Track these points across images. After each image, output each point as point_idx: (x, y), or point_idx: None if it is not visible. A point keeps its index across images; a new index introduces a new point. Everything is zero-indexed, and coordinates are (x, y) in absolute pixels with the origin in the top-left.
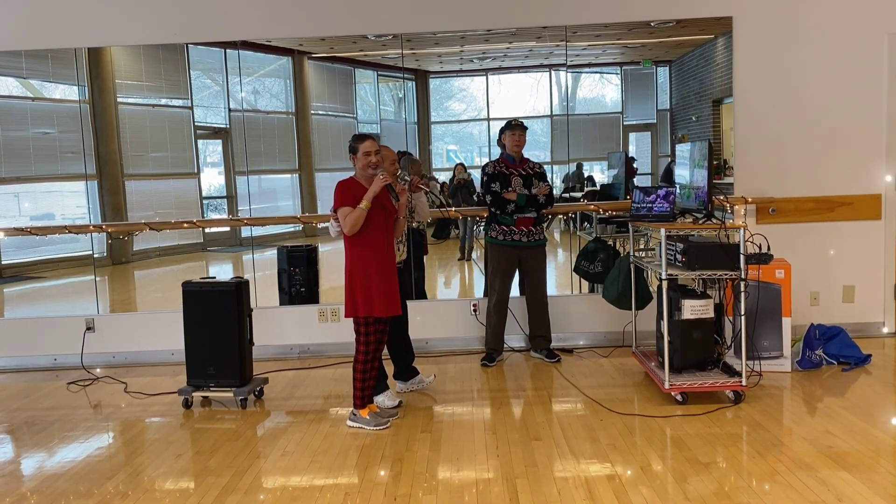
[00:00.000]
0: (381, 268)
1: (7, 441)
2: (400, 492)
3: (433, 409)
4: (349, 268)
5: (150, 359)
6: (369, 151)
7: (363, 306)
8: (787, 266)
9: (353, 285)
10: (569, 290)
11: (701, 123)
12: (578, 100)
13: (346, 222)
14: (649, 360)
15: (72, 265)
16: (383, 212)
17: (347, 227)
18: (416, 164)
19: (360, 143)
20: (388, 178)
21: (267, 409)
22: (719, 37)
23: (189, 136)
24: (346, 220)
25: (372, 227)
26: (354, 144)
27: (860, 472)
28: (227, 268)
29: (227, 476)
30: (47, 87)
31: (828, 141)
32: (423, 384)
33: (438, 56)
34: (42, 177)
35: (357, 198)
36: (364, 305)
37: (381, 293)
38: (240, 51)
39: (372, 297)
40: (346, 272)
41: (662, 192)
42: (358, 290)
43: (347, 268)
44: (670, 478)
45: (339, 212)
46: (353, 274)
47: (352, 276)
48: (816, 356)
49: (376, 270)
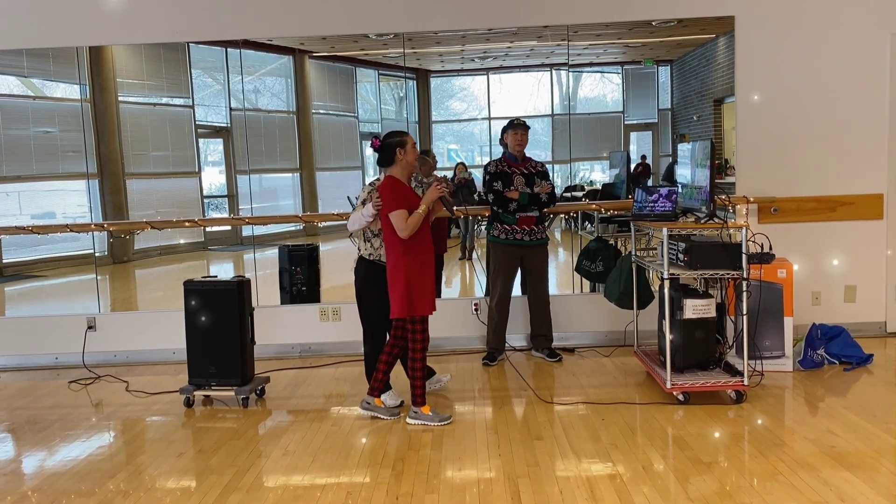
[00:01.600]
0: (430, 268)
1: (8, 440)
2: (402, 491)
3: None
4: (402, 270)
5: (151, 358)
6: (414, 144)
7: (419, 306)
8: (789, 266)
9: (408, 286)
10: (570, 289)
11: (702, 123)
12: (579, 99)
13: (406, 227)
14: (651, 360)
15: (73, 264)
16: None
17: (407, 232)
18: (426, 163)
19: (405, 137)
20: (443, 190)
21: (268, 408)
22: (720, 36)
23: (190, 134)
24: (406, 225)
25: (423, 228)
26: (401, 139)
27: (862, 471)
28: (228, 267)
29: (229, 475)
30: (48, 85)
31: (830, 140)
32: (441, 384)
33: (439, 55)
34: (43, 175)
35: (409, 199)
36: (419, 305)
37: (431, 292)
38: (241, 50)
39: (425, 297)
40: (398, 274)
41: (665, 191)
42: (414, 290)
43: (399, 270)
44: (672, 477)
45: (396, 215)
46: (409, 275)
47: (407, 278)
48: (818, 356)
49: (427, 271)
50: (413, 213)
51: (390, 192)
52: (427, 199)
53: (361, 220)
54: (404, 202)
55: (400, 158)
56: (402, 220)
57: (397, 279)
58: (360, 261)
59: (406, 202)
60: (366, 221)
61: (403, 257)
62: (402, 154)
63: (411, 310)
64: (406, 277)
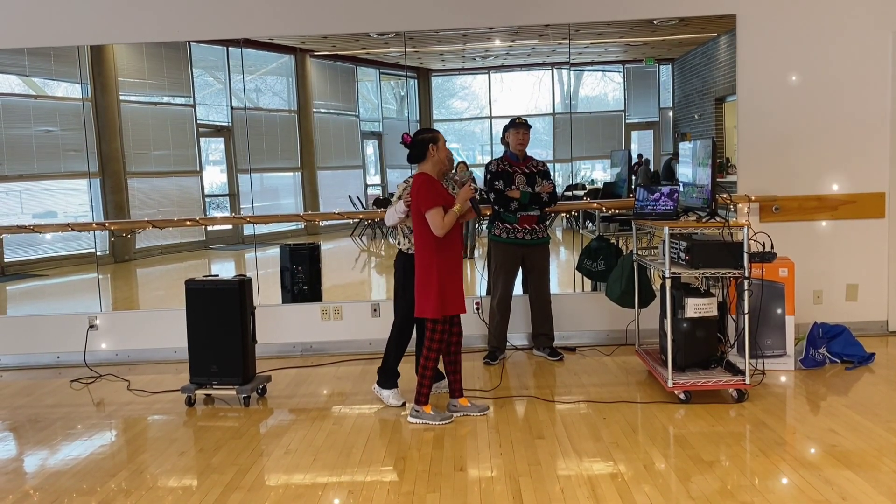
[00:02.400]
0: (459, 267)
1: (10, 439)
2: (403, 490)
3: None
4: (434, 269)
5: (152, 356)
6: (446, 142)
7: (451, 306)
8: (791, 264)
9: (429, 286)
10: (572, 288)
11: (704, 122)
12: (581, 98)
13: (442, 225)
14: (652, 359)
15: (74, 263)
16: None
17: (443, 230)
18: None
19: (437, 134)
20: (475, 191)
21: (270, 407)
22: (722, 35)
23: (191, 133)
24: (442, 223)
25: (454, 228)
26: (433, 135)
27: (864, 470)
28: (229, 266)
29: (230, 474)
30: (50, 84)
31: (831, 139)
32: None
33: (441, 54)
34: (45, 174)
35: (443, 196)
36: (451, 305)
37: (456, 292)
38: (242, 49)
39: (457, 296)
40: (429, 273)
41: (666, 190)
42: (447, 290)
43: (432, 269)
44: (673, 476)
45: (432, 214)
46: (441, 275)
47: (430, 277)
48: (820, 355)
49: (457, 270)
50: (448, 212)
51: (425, 190)
52: (461, 198)
53: (395, 217)
54: (440, 199)
55: (432, 155)
56: (438, 218)
57: (429, 279)
58: (399, 255)
59: (441, 200)
60: (398, 218)
61: (436, 256)
62: (435, 150)
63: (444, 310)
64: (439, 277)
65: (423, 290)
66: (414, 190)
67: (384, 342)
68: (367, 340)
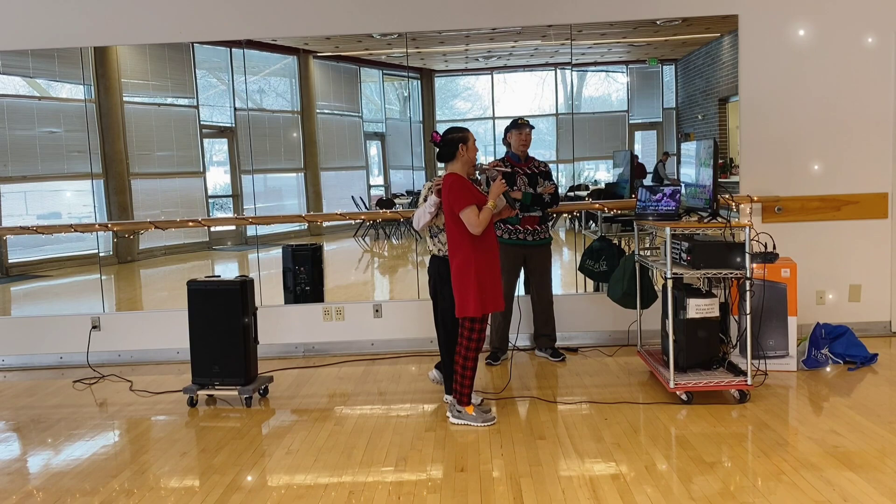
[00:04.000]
0: (497, 264)
1: (13, 439)
2: (404, 490)
3: (438, 408)
4: (473, 267)
5: (155, 357)
6: (475, 141)
7: (491, 303)
8: (793, 265)
9: (468, 283)
10: (574, 289)
11: (707, 122)
12: (584, 98)
13: (478, 223)
14: (654, 360)
15: (78, 264)
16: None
17: (480, 228)
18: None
19: (467, 133)
20: (506, 186)
21: (272, 408)
22: (725, 35)
23: (195, 134)
24: (478, 221)
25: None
26: (463, 134)
27: (866, 472)
28: (232, 266)
29: (232, 474)
30: (54, 86)
31: (834, 139)
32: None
33: (443, 55)
34: (48, 176)
35: (475, 195)
36: (481, 303)
37: (494, 289)
38: (245, 50)
39: (486, 294)
40: (468, 272)
41: (668, 190)
42: (486, 287)
43: (470, 267)
44: (675, 477)
45: (467, 213)
46: (480, 273)
47: (479, 276)
48: (822, 355)
49: (495, 267)
50: (483, 209)
51: (457, 189)
52: (493, 193)
53: (425, 216)
54: (472, 198)
55: (462, 154)
56: (474, 216)
57: (468, 278)
58: (432, 259)
59: (474, 198)
60: (428, 215)
61: (473, 254)
62: (465, 150)
63: (484, 308)
64: (477, 275)
65: (462, 289)
66: (445, 191)
67: (386, 343)
68: (370, 341)
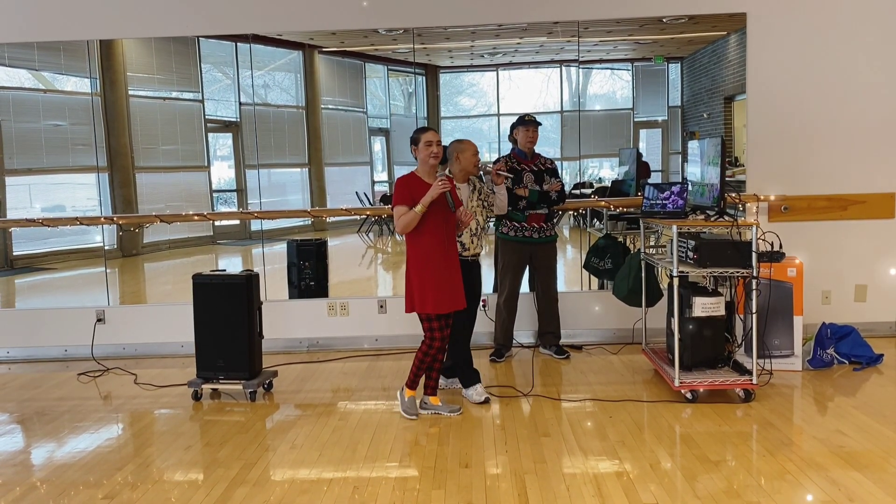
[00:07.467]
0: (437, 265)
1: (18, 431)
2: (408, 486)
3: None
4: (407, 264)
5: (159, 351)
6: (430, 141)
7: (419, 303)
8: (799, 264)
9: (410, 281)
10: (579, 286)
11: (713, 120)
12: (589, 96)
13: (398, 222)
14: (659, 358)
15: (82, 257)
16: (443, 208)
17: (400, 227)
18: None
19: (421, 134)
20: (446, 186)
21: (276, 402)
22: (732, 33)
23: (200, 129)
24: (399, 221)
25: (429, 225)
26: (416, 135)
27: (871, 471)
28: (236, 261)
29: (236, 468)
30: (59, 79)
31: (841, 139)
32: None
33: (449, 51)
34: (53, 169)
35: (414, 195)
36: (419, 302)
37: (435, 289)
38: (251, 44)
39: (426, 294)
40: (406, 268)
41: (676, 188)
42: (414, 286)
43: (407, 264)
44: (679, 475)
45: (395, 210)
46: (409, 270)
47: (409, 273)
48: (828, 355)
49: (432, 268)
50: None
51: (397, 188)
52: (426, 199)
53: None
54: (408, 198)
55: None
56: (399, 214)
57: (406, 273)
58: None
59: (411, 199)
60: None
61: (410, 251)
62: (415, 151)
63: (412, 306)
64: (410, 272)
65: (406, 285)
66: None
67: (390, 338)
68: (374, 336)
